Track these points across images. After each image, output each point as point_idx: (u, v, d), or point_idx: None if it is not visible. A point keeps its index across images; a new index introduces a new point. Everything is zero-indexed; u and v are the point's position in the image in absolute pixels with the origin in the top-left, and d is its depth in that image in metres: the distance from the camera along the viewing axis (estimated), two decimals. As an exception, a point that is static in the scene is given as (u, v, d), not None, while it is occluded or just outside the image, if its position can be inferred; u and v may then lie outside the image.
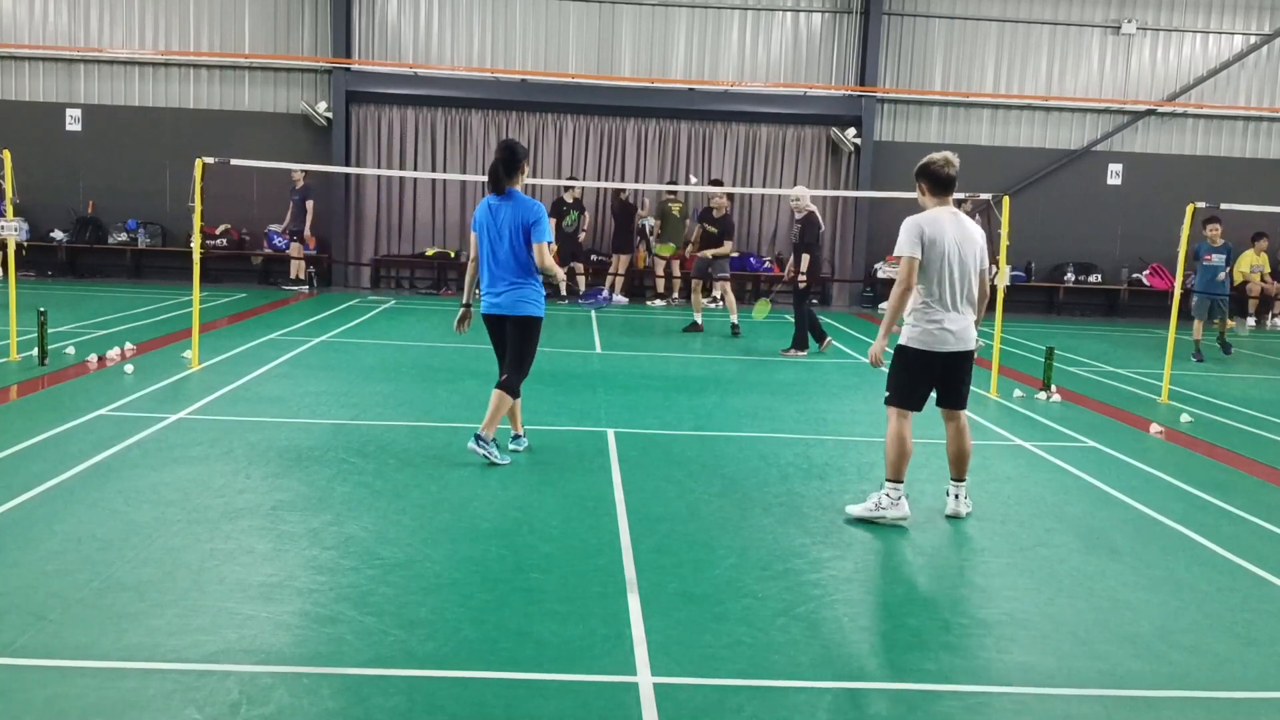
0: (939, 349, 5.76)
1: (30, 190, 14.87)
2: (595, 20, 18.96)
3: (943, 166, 5.79)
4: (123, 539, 5.01)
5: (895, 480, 5.81)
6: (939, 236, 5.65)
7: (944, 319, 5.71)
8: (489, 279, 6.77)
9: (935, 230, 5.67)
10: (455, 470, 6.55)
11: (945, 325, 5.71)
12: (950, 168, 5.80)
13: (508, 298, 6.70)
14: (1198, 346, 13.73)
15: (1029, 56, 19.60)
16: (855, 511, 5.84)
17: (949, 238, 5.67)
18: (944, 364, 5.81)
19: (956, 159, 5.87)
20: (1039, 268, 19.87)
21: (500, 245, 6.64)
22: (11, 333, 9.94)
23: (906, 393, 5.89)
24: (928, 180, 5.84)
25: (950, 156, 5.85)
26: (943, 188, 5.82)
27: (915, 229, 5.67)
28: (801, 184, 19.47)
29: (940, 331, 5.72)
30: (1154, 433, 8.61)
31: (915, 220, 5.72)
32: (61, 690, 3.55)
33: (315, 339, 12.01)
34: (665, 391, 9.69)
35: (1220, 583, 5.08)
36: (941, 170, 5.79)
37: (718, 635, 4.20)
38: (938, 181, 5.81)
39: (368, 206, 19.15)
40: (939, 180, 5.81)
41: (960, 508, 6.00)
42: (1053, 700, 3.80)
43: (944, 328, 5.71)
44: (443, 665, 3.85)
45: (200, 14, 18.53)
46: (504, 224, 6.62)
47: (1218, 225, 13.78)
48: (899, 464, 5.81)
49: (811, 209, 12.39)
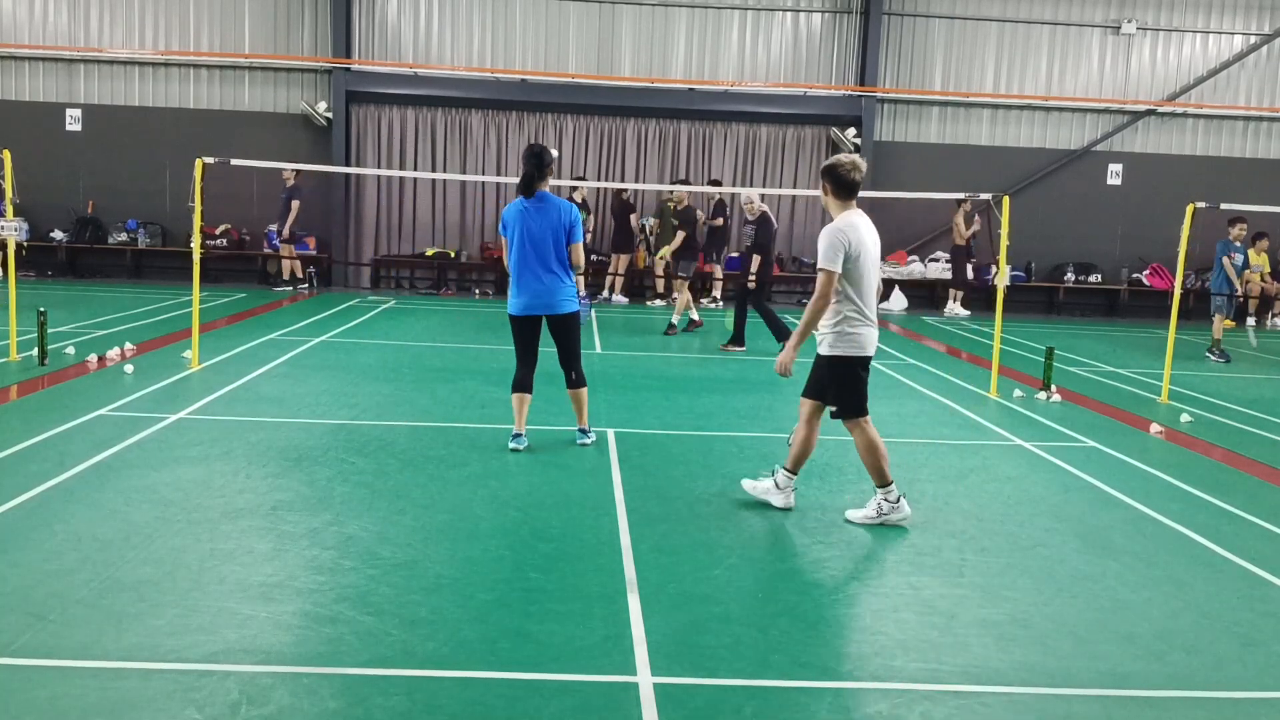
0: (869, 352, 5.76)
1: (30, 190, 14.85)
2: (595, 20, 18.96)
3: (850, 170, 5.66)
4: (123, 539, 5.01)
5: (885, 485, 5.79)
6: (861, 247, 5.57)
7: (870, 323, 5.72)
8: (526, 279, 6.98)
9: (857, 240, 5.57)
10: (455, 470, 6.55)
11: (873, 328, 5.74)
12: (857, 172, 5.68)
13: (549, 296, 6.98)
14: (1218, 345, 13.72)
15: (1029, 56, 19.60)
16: (856, 518, 5.83)
17: (868, 245, 5.63)
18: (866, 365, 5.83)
19: (865, 164, 5.78)
20: (1039, 268, 19.87)
21: (541, 246, 6.91)
22: (11, 333, 9.94)
23: (861, 400, 5.83)
24: (832, 182, 5.70)
25: (859, 161, 5.74)
26: (848, 191, 5.70)
27: (839, 241, 5.53)
28: (801, 184, 19.49)
29: (869, 332, 5.72)
30: (1154, 433, 8.61)
31: (838, 231, 5.57)
32: (61, 690, 3.55)
33: (315, 339, 12.01)
34: (665, 391, 9.69)
35: (1220, 583, 5.08)
36: (848, 174, 5.66)
37: (718, 635, 4.20)
38: (842, 185, 5.68)
39: (368, 206, 19.15)
40: (844, 184, 5.68)
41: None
42: (1053, 700, 3.80)
43: (872, 329, 5.74)
44: (443, 665, 3.85)
45: (200, 14, 18.54)
46: (543, 226, 6.92)
47: (1244, 225, 13.84)
48: (882, 468, 5.78)
49: (764, 210, 12.48)
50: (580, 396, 7.32)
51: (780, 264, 19.68)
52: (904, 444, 7.84)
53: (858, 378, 5.78)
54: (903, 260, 19.76)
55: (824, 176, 5.76)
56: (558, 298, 7.01)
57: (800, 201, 19.74)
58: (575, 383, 7.27)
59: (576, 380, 7.26)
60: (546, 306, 7.02)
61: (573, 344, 7.21)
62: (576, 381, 7.27)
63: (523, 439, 7.12)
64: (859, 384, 5.79)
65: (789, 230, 19.88)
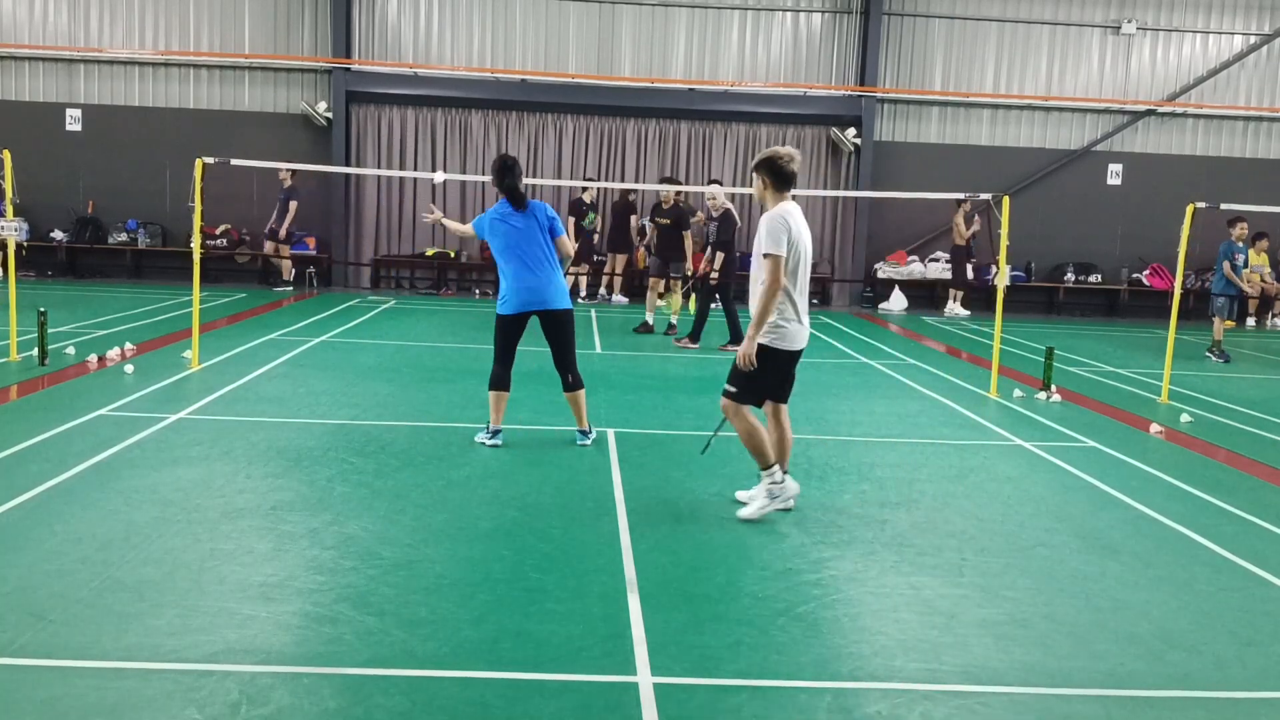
0: (796, 346, 5.74)
1: (30, 190, 14.85)
2: (595, 20, 18.96)
3: (788, 162, 5.67)
4: (123, 539, 5.01)
5: (768, 467, 5.77)
6: (799, 235, 5.60)
7: (800, 316, 5.69)
8: (523, 278, 7.08)
9: (797, 227, 5.60)
10: (455, 470, 6.55)
11: (802, 321, 5.72)
12: (794, 164, 5.69)
13: (543, 291, 7.09)
14: (1220, 346, 13.65)
15: (1029, 56, 19.60)
16: (751, 514, 5.73)
17: (804, 238, 5.67)
18: (792, 360, 5.80)
19: (799, 156, 5.76)
20: (1039, 268, 19.88)
21: (530, 246, 7.08)
22: (11, 333, 9.94)
23: (755, 391, 5.79)
24: (770, 174, 5.70)
25: (795, 153, 5.73)
26: (785, 183, 5.70)
27: (782, 225, 5.54)
28: (801, 184, 19.49)
29: (798, 327, 5.70)
30: (1154, 433, 8.61)
31: (779, 216, 5.59)
32: (61, 690, 3.55)
33: (315, 339, 12.01)
34: (665, 391, 9.69)
35: (1220, 583, 5.08)
36: (786, 166, 5.67)
37: (718, 635, 4.20)
38: (780, 176, 5.69)
39: (368, 206, 19.15)
40: (782, 176, 5.69)
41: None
42: (1053, 700, 3.80)
43: (801, 323, 5.71)
44: (443, 665, 3.85)
45: (200, 14, 18.54)
46: (531, 229, 7.11)
47: (1245, 225, 13.81)
48: (765, 450, 5.75)
49: (728, 206, 12.50)
50: (579, 399, 7.32)
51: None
52: (904, 444, 7.84)
53: (770, 370, 5.70)
54: (903, 260, 19.76)
55: (761, 169, 5.74)
56: (551, 292, 7.09)
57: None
58: (573, 385, 7.28)
59: (574, 383, 7.28)
60: (541, 302, 7.08)
61: (568, 344, 7.23)
62: (574, 384, 7.28)
63: (499, 435, 7.15)
64: (768, 377, 5.73)
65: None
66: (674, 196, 14.38)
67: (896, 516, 5.95)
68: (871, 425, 8.49)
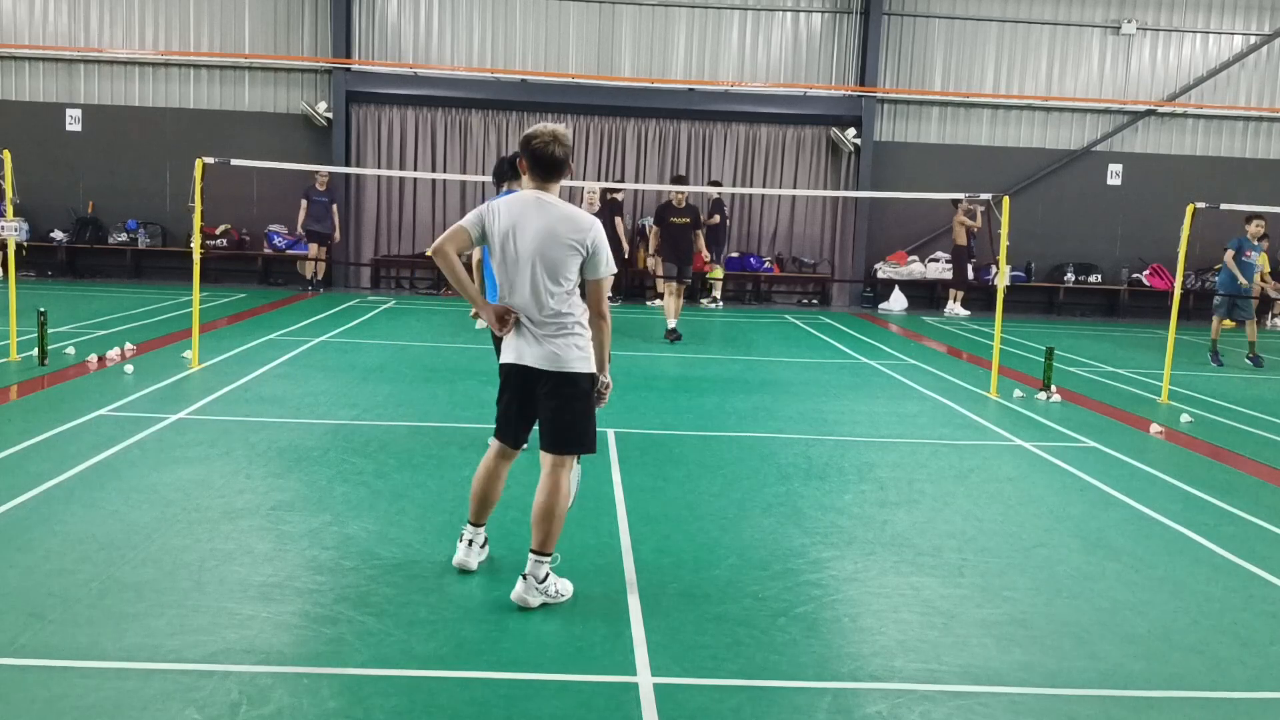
0: (503, 358, 4.63)
1: (30, 190, 14.86)
2: (595, 20, 18.96)
3: (543, 144, 4.53)
4: (123, 539, 5.01)
5: (475, 523, 4.86)
6: (508, 227, 4.46)
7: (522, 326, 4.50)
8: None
9: (509, 218, 4.48)
10: (455, 470, 6.55)
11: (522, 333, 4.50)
12: (551, 146, 4.52)
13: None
14: (1215, 347, 13.27)
15: (1029, 56, 19.60)
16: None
17: (524, 232, 4.44)
18: (509, 378, 4.60)
19: (566, 137, 4.61)
20: (1039, 268, 19.88)
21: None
22: (11, 333, 9.94)
23: (498, 416, 4.73)
24: (524, 155, 4.62)
25: (556, 132, 4.58)
26: (537, 168, 4.57)
27: (487, 212, 4.55)
28: (801, 184, 19.51)
29: (511, 339, 4.55)
30: (1154, 433, 8.61)
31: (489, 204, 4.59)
32: (61, 690, 3.55)
33: (315, 339, 12.01)
34: (665, 391, 9.69)
35: (1220, 583, 5.08)
36: (540, 149, 4.54)
37: (718, 635, 4.20)
38: (532, 160, 4.56)
39: (368, 206, 19.15)
40: (534, 159, 4.56)
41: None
42: (1053, 700, 3.80)
43: (518, 334, 4.52)
44: (443, 665, 3.85)
45: (200, 14, 18.53)
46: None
47: (1263, 222, 13.07)
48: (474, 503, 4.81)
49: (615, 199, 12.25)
50: None
51: (780, 264, 19.71)
52: (904, 444, 7.84)
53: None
54: (903, 260, 19.77)
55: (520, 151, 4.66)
56: None
57: (800, 201, 19.74)
58: None
59: None
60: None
61: None
62: None
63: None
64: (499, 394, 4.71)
65: (789, 230, 19.89)
66: (685, 196, 14.26)
67: (896, 516, 5.95)
68: (871, 425, 8.49)
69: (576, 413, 4.48)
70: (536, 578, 4.41)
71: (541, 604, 4.42)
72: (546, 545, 4.43)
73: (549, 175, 4.57)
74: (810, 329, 15.49)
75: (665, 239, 13.83)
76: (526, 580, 4.41)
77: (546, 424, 4.51)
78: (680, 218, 13.71)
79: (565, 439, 4.49)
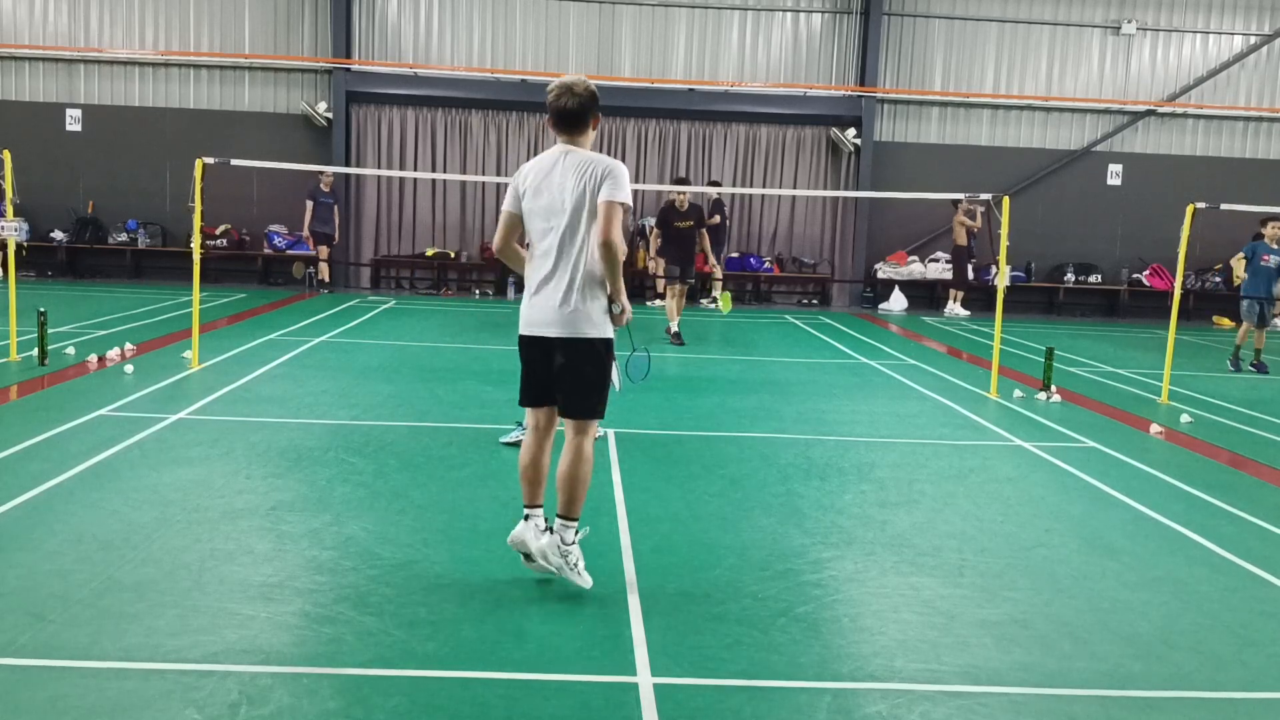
0: (521, 330, 4.62)
1: (30, 190, 14.86)
2: (595, 20, 18.96)
3: (554, 97, 4.47)
4: (123, 539, 5.01)
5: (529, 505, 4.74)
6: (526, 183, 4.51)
7: (531, 289, 4.56)
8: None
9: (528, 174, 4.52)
10: (455, 470, 6.55)
11: (531, 298, 4.56)
12: (560, 98, 4.44)
13: None
14: (1238, 353, 12.83)
15: (1029, 56, 19.61)
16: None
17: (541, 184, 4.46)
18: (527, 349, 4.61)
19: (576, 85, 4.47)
20: (1039, 268, 19.88)
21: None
22: (11, 333, 9.94)
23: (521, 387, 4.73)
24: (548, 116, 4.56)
25: (568, 82, 4.49)
26: (557, 123, 4.51)
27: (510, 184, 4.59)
28: (801, 184, 19.51)
29: (526, 306, 4.59)
30: (1154, 433, 8.61)
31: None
32: (61, 690, 3.55)
33: (315, 339, 12.01)
34: (665, 391, 9.68)
35: (1220, 583, 5.08)
36: (553, 100, 4.48)
37: (718, 635, 4.20)
38: (552, 116, 4.50)
39: (368, 206, 19.16)
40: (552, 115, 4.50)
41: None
42: (1053, 700, 3.80)
43: (529, 301, 4.56)
44: (443, 665, 3.85)
45: (200, 14, 18.54)
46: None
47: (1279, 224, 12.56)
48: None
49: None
50: None
51: (780, 264, 19.72)
52: (904, 444, 7.84)
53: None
54: (903, 260, 19.77)
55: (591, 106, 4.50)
56: None
57: (800, 201, 19.74)
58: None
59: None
60: None
61: None
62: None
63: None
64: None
65: (789, 230, 19.90)
66: (687, 198, 14.20)
67: (896, 516, 5.95)
68: (871, 425, 8.49)
69: (591, 378, 4.50)
70: (563, 539, 4.50)
71: (557, 567, 4.49)
72: (571, 510, 4.54)
73: (570, 128, 4.51)
74: (810, 329, 15.49)
75: (668, 241, 13.78)
76: (552, 534, 4.51)
77: (564, 391, 4.53)
78: (683, 220, 13.67)
79: (582, 405, 4.53)
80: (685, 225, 13.58)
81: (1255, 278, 12.67)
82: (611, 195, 4.35)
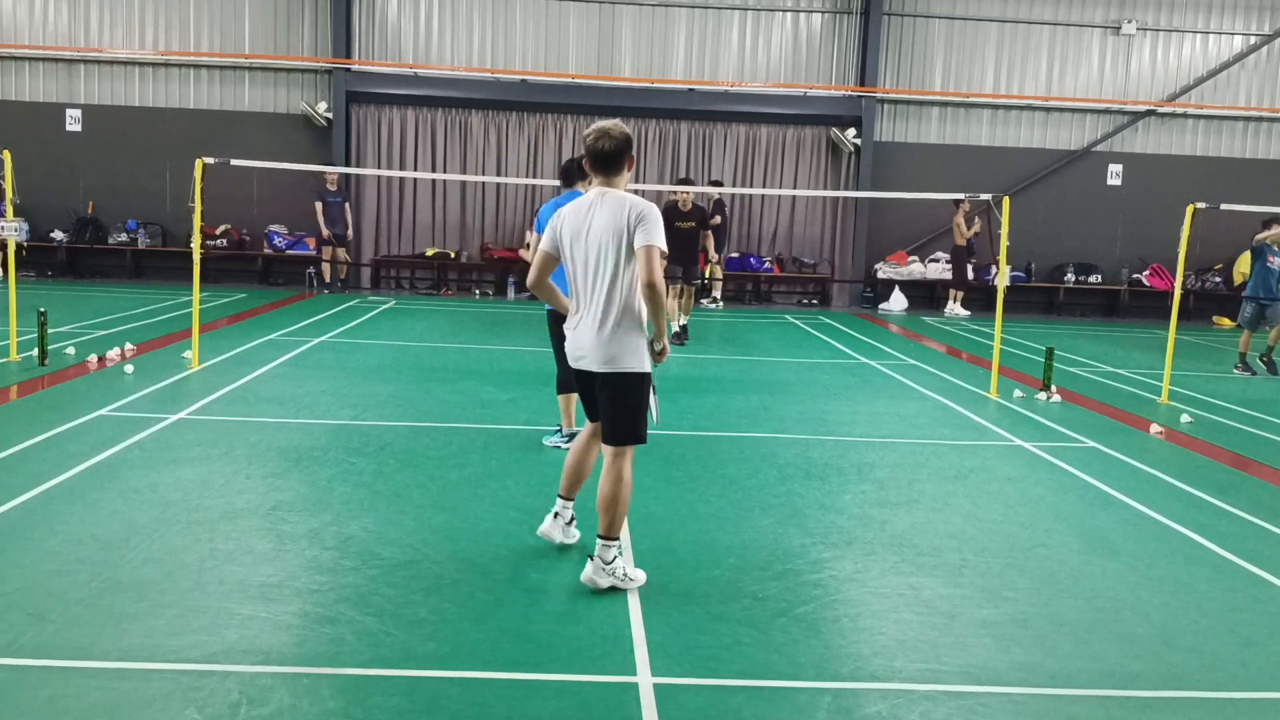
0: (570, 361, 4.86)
1: (30, 190, 14.87)
2: (595, 20, 18.96)
3: (590, 140, 4.68)
4: (123, 539, 5.01)
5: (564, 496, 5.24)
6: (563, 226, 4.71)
7: (575, 320, 4.79)
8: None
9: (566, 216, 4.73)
10: (455, 470, 6.55)
11: (577, 327, 4.77)
12: (598, 141, 4.64)
13: None
14: (1244, 359, 12.56)
15: (1029, 56, 19.60)
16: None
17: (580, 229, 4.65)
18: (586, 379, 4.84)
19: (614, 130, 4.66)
20: (1039, 268, 19.88)
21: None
22: (11, 333, 9.94)
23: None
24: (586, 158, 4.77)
25: (603, 127, 4.67)
26: (594, 166, 4.71)
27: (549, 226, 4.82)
28: (801, 184, 19.51)
29: (571, 333, 4.81)
30: (1154, 433, 8.61)
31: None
32: (61, 690, 3.55)
33: (315, 339, 12.01)
34: (665, 392, 9.68)
35: (1220, 583, 5.08)
36: (591, 143, 4.67)
37: (718, 635, 4.20)
38: (590, 158, 4.70)
39: (367, 207, 19.15)
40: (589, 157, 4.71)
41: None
42: (1053, 700, 3.80)
43: (575, 329, 4.78)
44: (443, 665, 3.85)
45: (200, 14, 18.53)
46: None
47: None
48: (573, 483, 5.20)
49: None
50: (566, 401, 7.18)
51: (780, 264, 19.71)
52: (904, 444, 7.84)
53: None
54: (903, 260, 19.77)
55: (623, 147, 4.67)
56: None
57: (800, 202, 19.74)
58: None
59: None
60: None
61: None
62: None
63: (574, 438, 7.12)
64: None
65: (789, 230, 19.90)
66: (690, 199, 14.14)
67: (896, 517, 5.95)
68: (871, 425, 8.49)
69: (630, 405, 4.70)
70: (604, 560, 4.65)
71: (610, 586, 4.63)
72: (612, 530, 4.67)
73: (606, 169, 4.72)
74: (810, 329, 15.49)
75: (670, 242, 13.66)
76: (594, 561, 4.66)
77: (604, 419, 4.76)
78: (685, 221, 13.65)
79: (621, 432, 4.73)
80: (687, 226, 13.53)
81: (1260, 279, 12.40)
82: (648, 240, 4.55)
